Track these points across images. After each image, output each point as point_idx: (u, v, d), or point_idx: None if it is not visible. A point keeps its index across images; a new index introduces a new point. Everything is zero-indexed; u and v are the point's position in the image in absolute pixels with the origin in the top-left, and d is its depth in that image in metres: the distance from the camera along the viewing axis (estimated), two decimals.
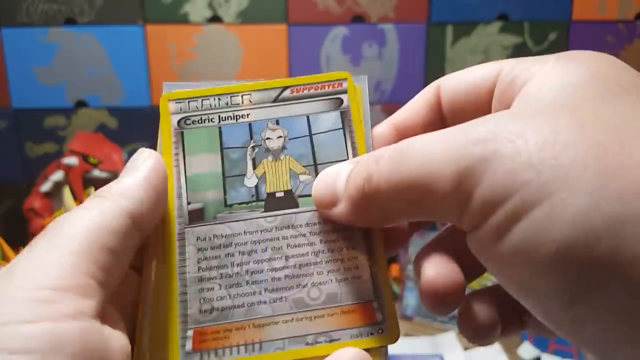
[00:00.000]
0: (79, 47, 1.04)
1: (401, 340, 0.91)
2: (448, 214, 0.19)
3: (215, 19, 1.03)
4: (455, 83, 0.25)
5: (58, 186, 0.93)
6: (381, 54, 1.04)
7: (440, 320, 0.91)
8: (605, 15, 1.04)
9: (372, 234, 0.24)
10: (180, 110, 0.26)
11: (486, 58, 1.04)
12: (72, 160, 0.93)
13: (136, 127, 1.06)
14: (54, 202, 0.94)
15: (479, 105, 0.24)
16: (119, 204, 0.21)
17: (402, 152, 0.20)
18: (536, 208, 0.16)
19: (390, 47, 1.04)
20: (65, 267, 0.18)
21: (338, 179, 0.23)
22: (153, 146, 0.26)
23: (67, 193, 0.92)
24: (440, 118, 0.26)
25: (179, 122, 0.25)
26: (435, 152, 0.19)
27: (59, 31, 1.03)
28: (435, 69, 1.04)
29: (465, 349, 0.86)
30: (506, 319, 0.24)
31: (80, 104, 1.07)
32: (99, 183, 0.95)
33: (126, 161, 0.97)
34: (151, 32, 1.04)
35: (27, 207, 0.93)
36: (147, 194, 0.22)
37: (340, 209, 0.22)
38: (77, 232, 0.19)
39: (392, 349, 0.84)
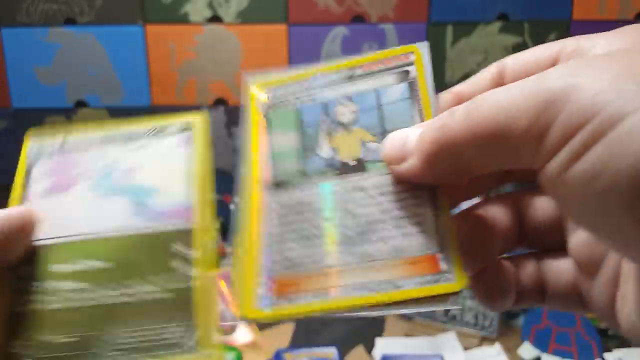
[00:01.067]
0: (79, 47, 1.04)
1: (401, 340, 0.92)
2: (524, 154, 0.19)
3: (215, 18, 1.04)
4: (519, 60, 0.26)
5: None
6: None
7: (440, 320, 0.91)
8: (605, 15, 1.04)
9: (438, 193, 0.25)
10: (266, 97, 0.29)
11: (486, 58, 1.04)
12: None
13: None
14: None
15: None
16: None
17: (477, 102, 0.21)
18: (619, 123, 0.17)
19: (390, 47, 1.03)
20: None
21: (409, 137, 0.24)
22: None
23: None
24: None
25: (265, 108, 0.28)
26: (511, 95, 0.20)
27: (59, 31, 1.03)
28: (435, 69, 1.04)
29: (465, 349, 0.86)
30: (525, 287, 0.25)
31: (80, 104, 1.07)
32: None
33: None
34: (151, 32, 1.04)
35: None
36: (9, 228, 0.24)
37: (411, 163, 0.23)
38: None
39: (392, 349, 0.84)
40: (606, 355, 0.82)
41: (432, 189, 0.25)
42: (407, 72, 0.28)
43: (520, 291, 0.25)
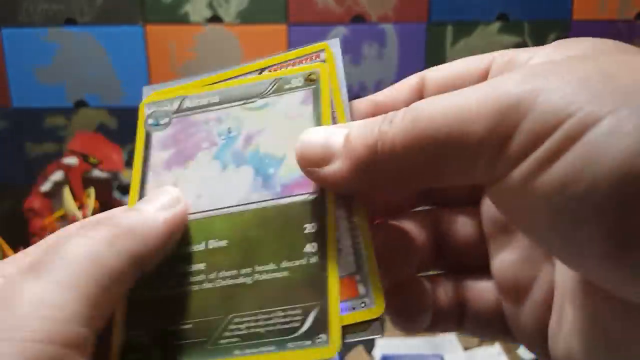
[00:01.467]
0: (79, 47, 1.04)
1: (401, 340, 0.92)
2: (479, 164, 0.17)
3: (215, 18, 1.04)
4: (442, 73, 0.24)
5: (58, 186, 0.93)
6: (381, 54, 1.04)
7: None
8: (605, 15, 1.04)
9: (354, 203, 0.22)
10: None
11: None
12: (72, 160, 0.93)
13: (136, 127, 1.06)
14: (54, 202, 0.94)
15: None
16: (124, 244, 0.20)
17: (422, 107, 0.18)
18: (593, 127, 0.15)
19: (390, 47, 1.04)
20: (56, 313, 0.17)
21: (331, 137, 0.21)
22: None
23: (67, 193, 0.92)
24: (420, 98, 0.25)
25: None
26: (464, 99, 0.18)
27: (59, 31, 1.03)
28: None
29: (465, 349, 0.86)
30: (442, 310, 0.23)
31: (80, 103, 1.07)
32: (99, 183, 0.95)
33: (126, 161, 0.96)
34: (151, 32, 1.04)
35: (27, 207, 0.93)
36: (157, 238, 0.21)
37: (336, 168, 0.20)
38: (73, 270, 0.18)
39: (392, 349, 0.84)
40: None
41: (347, 200, 0.22)
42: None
43: (437, 313, 0.23)
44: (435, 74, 0.24)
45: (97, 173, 0.95)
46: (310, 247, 0.21)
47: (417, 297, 0.23)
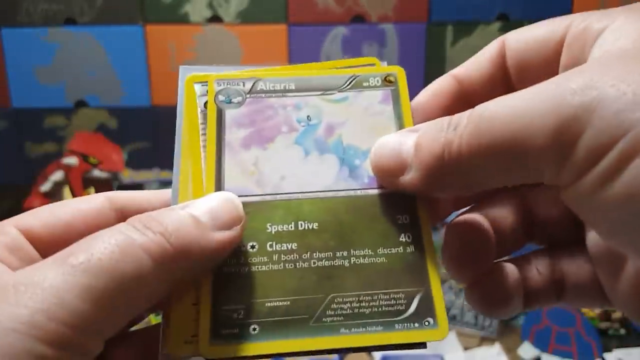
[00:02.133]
0: (79, 47, 1.04)
1: None
2: (543, 172, 0.18)
3: (215, 18, 1.03)
4: (521, 38, 0.24)
5: (58, 186, 0.93)
6: (381, 54, 1.04)
7: None
8: None
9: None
10: (206, 92, 0.25)
11: None
12: (72, 160, 0.93)
13: (136, 127, 1.06)
14: (54, 202, 0.94)
15: (546, 58, 0.23)
16: (171, 267, 0.19)
17: (485, 115, 0.19)
18: None
19: (390, 47, 1.04)
20: (66, 317, 0.16)
21: (403, 146, 0.22)
22: (153, 145, 0.26)
23: (67, 193, 0.92)
24: (504, 74, 0.25)
25: (205, 103, 0.25)
26: (527, 109, 0.18)
27: (59, 31, 1.03)
28: (435, 69, 1.04)
29: (465, 349, 0.86)
30: (536, 288, 0.24)
31: (80, 103, 1.07)
32: (99, 183, 0.95)
33: (126, 161, 0.96)
34: (151, 32, 1.04)
35: (27, 207, 0.93)
36: (204, 262, 0.20)
37: (411, 177, 0.21)
38: (102, 278, 0.17)
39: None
40: (606, 355, 0.82)
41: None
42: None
43: (532, 292, 0.24)
44: (516, 40, 0.24)
45: (97, 173, 0.95)
46: (404, 237, 0.22)
47: (499, 287, 0.24)
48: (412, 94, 0.27)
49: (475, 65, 0.25)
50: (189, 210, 0.20)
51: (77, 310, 0.16)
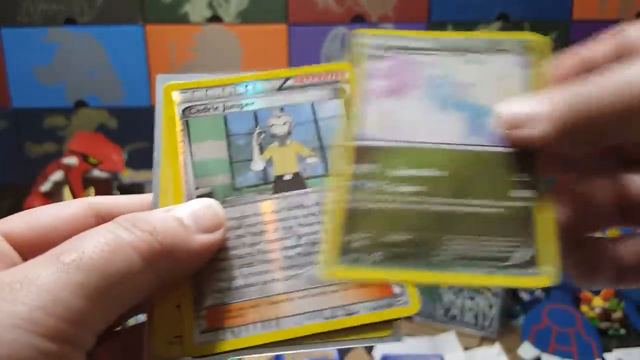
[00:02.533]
0: (79, 47, 1.04)
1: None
2: None
3: (215, 18, 1.04)
4: None
5: (58, 186, 0.93)
6: None
7: (440, 320, 0.91)
8: (605, 15, 1.04)
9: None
10: (185, 99, 0.26)
11: None
12: (71, 160, 0.93)
13: (136, 127, 1.06)
14: (53, 202, 0.94)
15: None
16: (159, 265, 0.20)
17: (627, 72, 0.20)
18: None
19: None
20: (59, 310, 0.17)
21: (535, 101, 0.22)
22: (152, 146, 0.26)
23: (67, 193, 0.92)
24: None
25: (183, 111, 0.26)
26: None
27: (59, 31, 1.03)
28: None
29: (465, 349, 0.86)
30: (630, 267, 0.24)
31: (80, 103, 1.07)
32: (99, 183, 0.95)
33: (126, 161, 0.96)
34: (151, 32, 1.04)
35: (27, 207, 0.93)
36: (189, 263, 0.21)
37: (542, 129, 0.22)
38: (92, 276, 0.18)
39: (393, 349, 0.84)
40: (606, 355, 0.82)
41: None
42: (343, 89, 0.27)
43: (622, 269, 0.24)
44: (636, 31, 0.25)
45: (97, 173, 0.95)
46: (520, 194, 0.24)
47: (595, 255, 0.24)
48: None
49: (596, 45, 0.26)
50: (173, 213, 0.21)
51: (72, 306, 0.17)
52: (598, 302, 0.87)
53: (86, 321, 0.17)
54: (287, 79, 0.27)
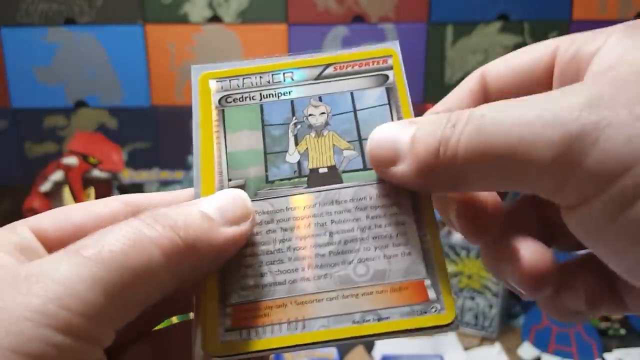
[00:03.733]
0: (79, 47, 1.04)
1: (401, 340, 0.91)
2: (542, 186, 0.18)
3: (215, 18, 1.03)
4: (502, 69, 0.23)
5: (58, 186, 0.93)
6: None
7: None
8: (605, 15, 1.04)
9: (423, 206, 0.23)
10: (222, 88, 0.25)
11: (486, 58, 1.04)
12: (71, 160, 0.93)
13: (136, 127, 1.06)
14: (53, 202, 0.94)
15: (532, 90, 0.21)
16: (179, 260, 0.19)
17: (487, 117, 0.18)
18: None
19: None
20: (75, 304, 0.17)
21: (399, 136, 0.21)
22: (153, 145, 0.26)
23: (66, 193, 0.92)
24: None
25: (220, 100, 0.25)
26: (531, 117, 0.17)
27: (59, 31, 1.03)
28: (435, 69, 1.04)
29: (466, 349, 0.85)
30: (601, 295, 0.23)
31: (80, 103, 1.07)
32: (99, 183, 0.95)
33: (126, 161, 0.96)
34: (151, 32, 1.04)
35: (26, 207, 0.93)
36: (212, 258, 0.20)
37: (402, 170, 0.21)
38: (109, 269, 0.17)
39: (392, 349, 0.84)
40: (606, 355, 0.82)
41: (415, 203, 0.23)
42: (386, 76, 0.26)
43: (598, 298, 0.23)
44: (496, 72, 0.23)
45: (97, 173, 0.95)
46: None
47: (579, 301, 0.22)
48: (412, 94, 0.27)
49: (455, 99, 0.25)
50: (198, 206, 0.21)
51: (88, 300, 0.17)
52: None
53: (103, 316, 0.17)
54: (326, 67, 0.26)
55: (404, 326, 0.21)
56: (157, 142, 1.06)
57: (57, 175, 0.93)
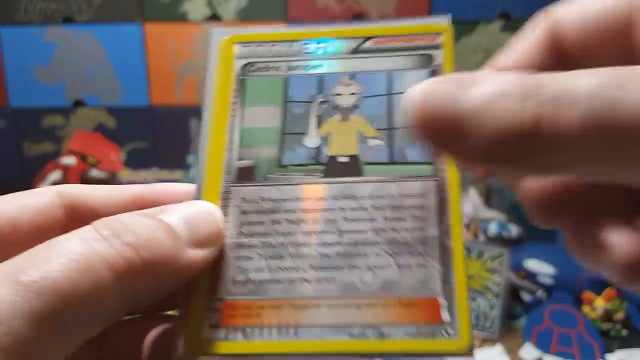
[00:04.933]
0: (78, 46, 1.04)
1: None
2: None
3: (214, 17, 1.03)
4: (577, 19, 0.19)
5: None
6: None
7: None
8: None
9: (451, 214, 0.20)
10: (247, 54, 0.23)
11: (488, 57, 1.04)
12: (70, 159, 0.93)
13: (135, 126, 1.06)
14: None
15: (614, 42, 0.18)
16: (134, 282, 0.17)
17: (612, 84, 0.14)
18: None
19: None
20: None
21: (460, 100, 0.15)
22: (152, 145, 0.25)
23: None
24: (561, 58, 0.20)
25: (243, 67, 0.23)
26: None
27: (58, 30, 1.03)
28: None
29: None
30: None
31: (79, 103, 1.06)
32: (97, 183, 0.94)
33: (125, 161, 0.95)
34: (150, 30, 1.03)
35: None
36: (170, 281, 0.18)
37: (472, 144, 0.15)
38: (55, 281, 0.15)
39: None
40: (608, 356, 0.82)
41: (442, 209, 0.20)
42: (430, 56, 0.23)
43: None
44: (570, 19, 0.19)
45: (95, 173, 0.94)
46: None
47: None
48: None
49: (521, 55, 0.21)
50: (164, 218, 0.18)
51: (22, 336, 0.15)
52: (600, 303, 0.86)
53: (38, 352, 0.15)
54: (366, 39, 0.23)
55: (407, 348, 0.18)
56: (156, 141, 1.05)
57: (56, 175, 0.92)
